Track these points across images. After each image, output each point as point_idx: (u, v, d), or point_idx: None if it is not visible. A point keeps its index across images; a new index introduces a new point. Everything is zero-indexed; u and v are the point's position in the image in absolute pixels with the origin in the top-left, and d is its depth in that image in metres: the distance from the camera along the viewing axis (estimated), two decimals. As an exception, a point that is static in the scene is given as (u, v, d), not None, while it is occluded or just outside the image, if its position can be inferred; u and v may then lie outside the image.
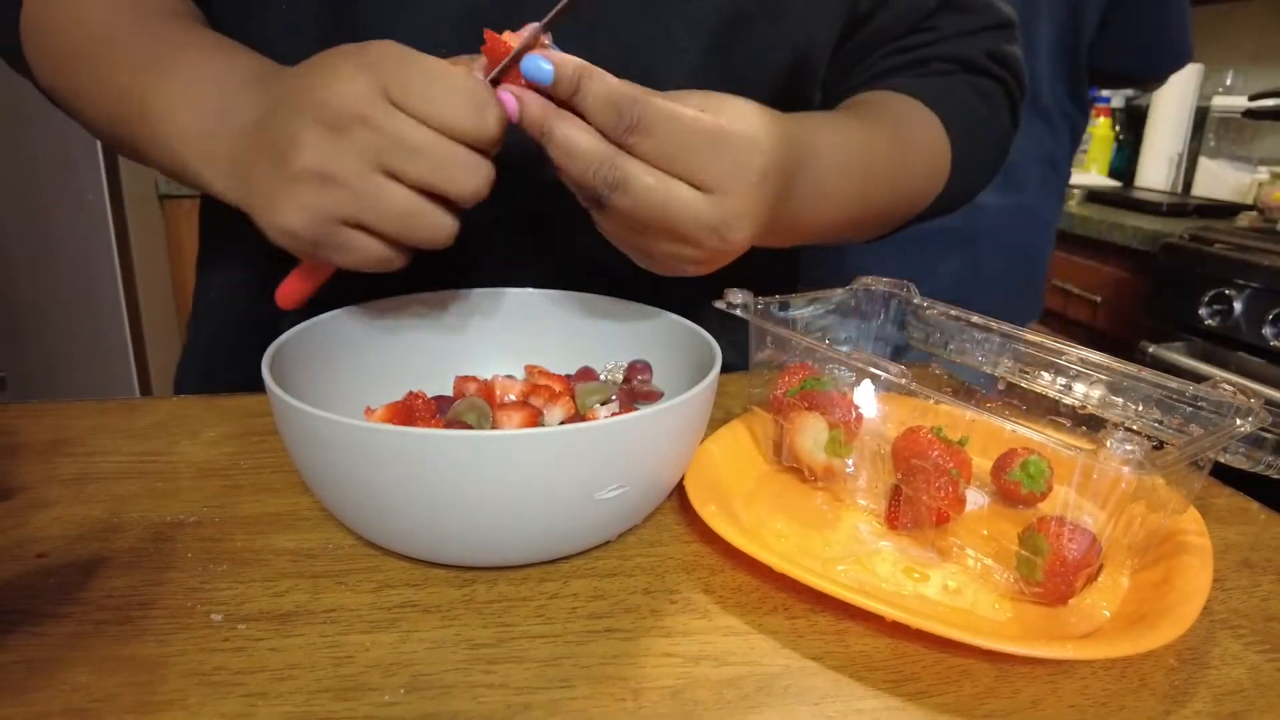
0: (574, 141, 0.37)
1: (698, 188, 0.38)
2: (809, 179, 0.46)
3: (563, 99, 0.38)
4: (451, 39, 0.49)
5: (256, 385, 0.38)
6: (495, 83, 0.38)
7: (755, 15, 0.54)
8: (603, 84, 0.37)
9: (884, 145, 0.54)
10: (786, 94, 0.58)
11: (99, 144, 1.90)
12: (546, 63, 0.37)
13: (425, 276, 0.54)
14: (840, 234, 0.56)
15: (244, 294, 0.60)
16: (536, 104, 0.38)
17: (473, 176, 0.37)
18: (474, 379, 0.48)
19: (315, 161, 0.36)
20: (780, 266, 0.71)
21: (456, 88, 0.36)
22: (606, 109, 0.37)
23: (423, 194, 0.37)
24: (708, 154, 0.38)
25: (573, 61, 0.37)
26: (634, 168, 0.37)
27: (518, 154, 0.46)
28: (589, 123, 0.37)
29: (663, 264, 0.43)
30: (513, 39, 0.38)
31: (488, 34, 0.38)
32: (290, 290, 0.43)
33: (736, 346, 0.51)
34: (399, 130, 0.35)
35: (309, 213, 0.37)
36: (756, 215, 0.40)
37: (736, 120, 0.39)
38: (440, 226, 0.38)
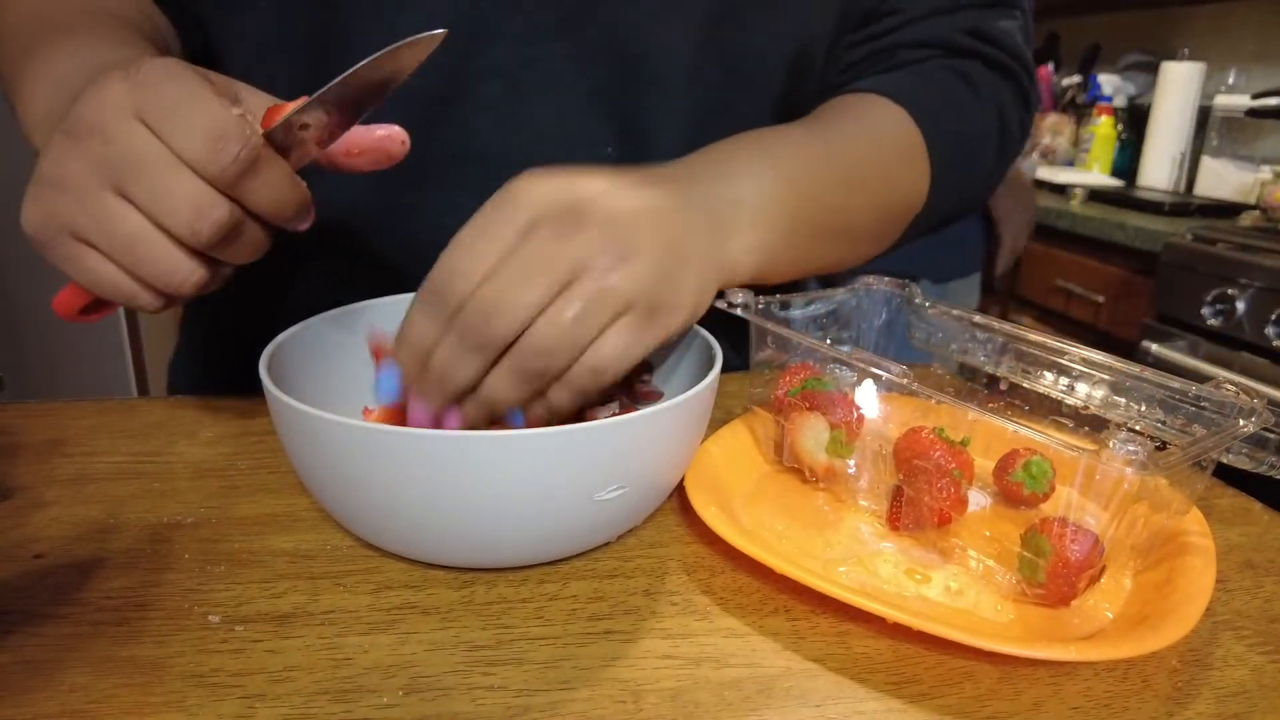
0: (507, 398, 0.36)
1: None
2: (736, 211, 0.44)
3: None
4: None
5: (246, 385, 0.38)
6: (271, 139, 0.36)
7: (745, 6, 0.53)
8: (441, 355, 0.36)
9: (819, 158, 0.50)
10: (782, 87, 0.57)
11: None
12: (390, 379, 0.37)
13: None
14: (813, 266, 0.53)
15: (235, 296, 0.59)
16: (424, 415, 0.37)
17: (190, 211, 0.33)
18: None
19: (50, 166, 0.34)
20: None
21: (202, 112, 0.33)
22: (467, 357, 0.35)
23: (158, 228, 0.34)
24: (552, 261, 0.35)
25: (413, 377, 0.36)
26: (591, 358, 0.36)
27: (518, 158, 0.46)
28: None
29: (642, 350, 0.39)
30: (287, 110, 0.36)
31: (269, 110, 0.36)
32: (61, 300, 0.39)
33: (737, 346, 0.51)
34: (130, 145, 0.33)
35: (40, 217, 0.35)
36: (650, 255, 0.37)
37: (505, 189, 0.37)
38: (170, 265, 0.35)
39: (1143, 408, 0.41)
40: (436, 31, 0.35)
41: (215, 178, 0.34)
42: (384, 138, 0.39)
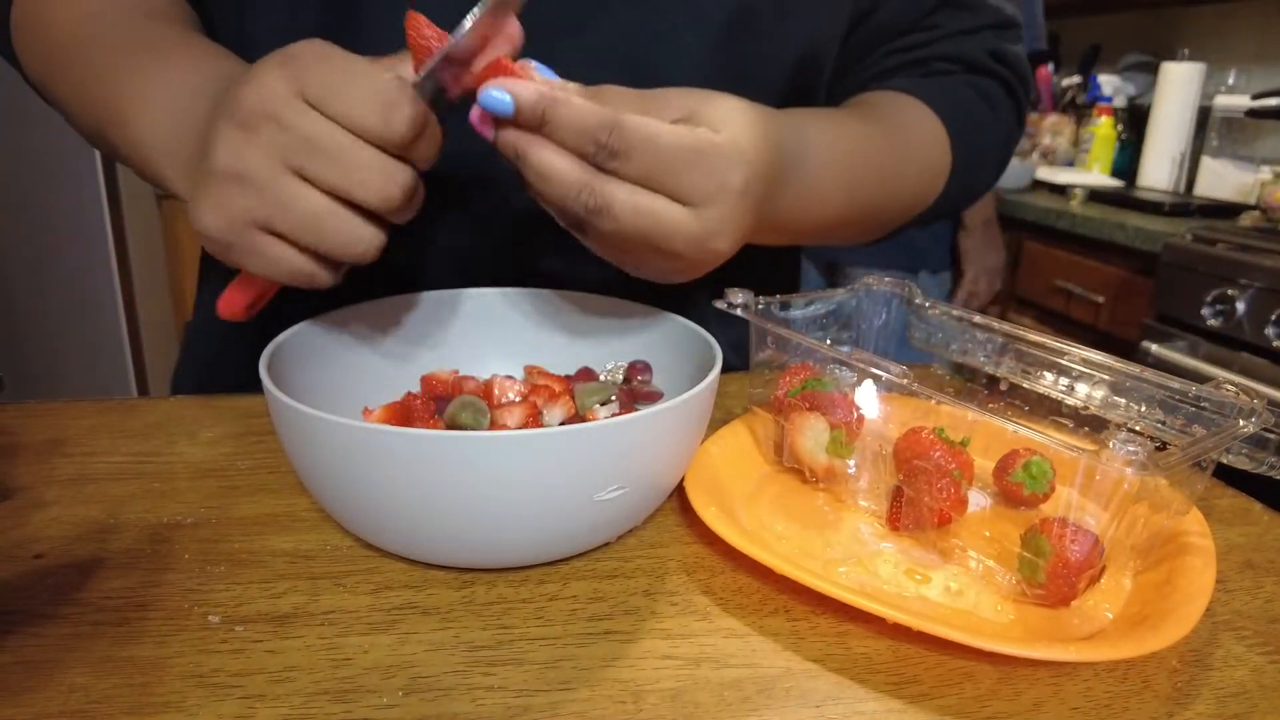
0: (550, 167, 0.36)
1: (679, 202, 0.38)
2: (799, 177, 0.46)
3: (530, 129, 0.36)
4: None
5: (251, 387, 0.38)
6: (427, 83, 0.37)
7: (760, 12, 0.53)
8: (573, 111, 0.35)
9: (879, 144, 0.54)
10: (792, 92, 0.58)
11: (98, 144, 1.90)
12: (504, 93, 0.36)
13: (424, 278, 0.54)
14: (834, 233, 0.56)
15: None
16: (509, 133, 0.37)
17: (381, 180, 0.35)
18: (470, 378, 0.48)
19: (227, 161, 0.35)
20: (783, 265, 0.70)
21: (366, 85, 0.34)
22: (580, 137, 0.36)
23: (339, 201, 0.36)
24: (688, 169, 0.37)
25: (533, 89, 0.35)
26: (615, 190, 0.37)
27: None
28: (564, 148, 0.36)
29: (650, 274, 0.43)
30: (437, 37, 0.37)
31: (410, 17, 0.36)
32: (227, 301, 0.41)
33: (737, 347, 0.51)
34: (306, 128, 0.34)
35: (221, 212, 0.36)
36: (739, 224, 0.40)
37: (720, 128, 0.38)
38: (355, 236, 0.36)
39: (1143, 408, 0.41)
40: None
41: (393, 143, 0.35)
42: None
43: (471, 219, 0.55)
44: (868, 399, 0.43)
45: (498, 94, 0.36)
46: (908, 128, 0.57)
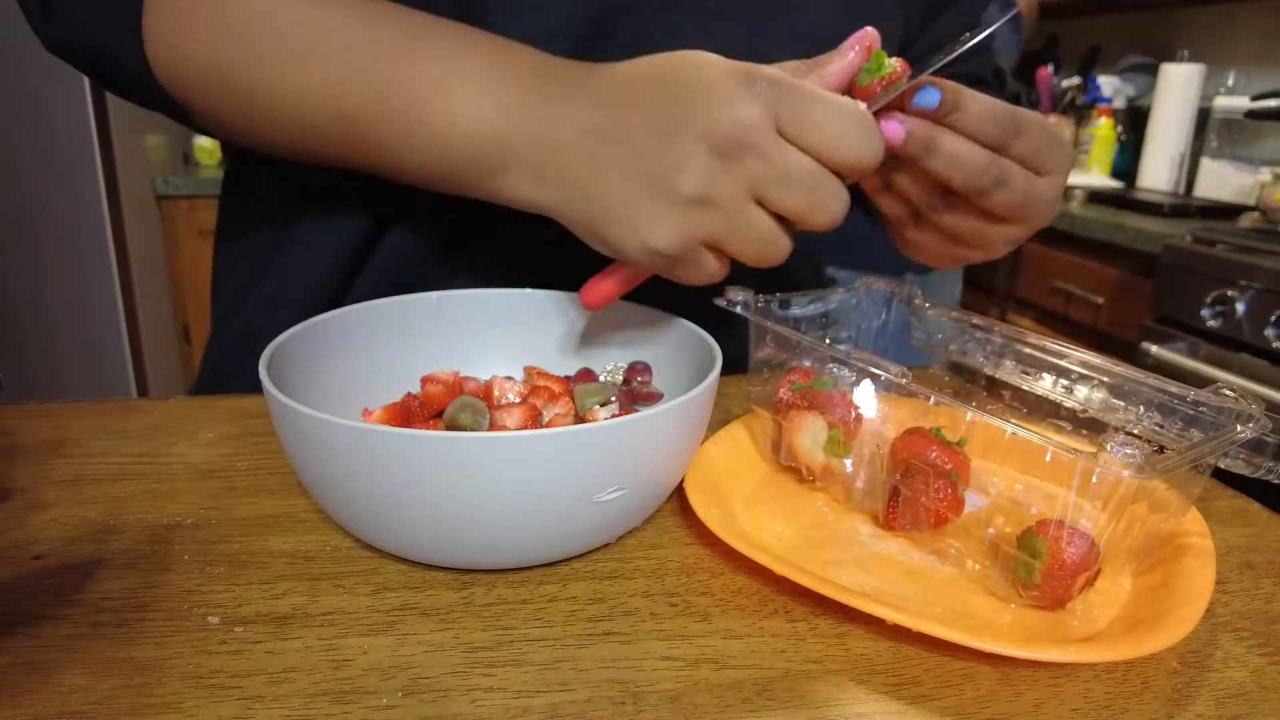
0: (962, 154, 0.41)
1: (1042, 174, 0.43)
2: None
3: (939, 119, 0.41)
4: (560, 38, 0.47)
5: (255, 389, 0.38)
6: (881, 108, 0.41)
7: (845, 38, 0.55)
8: (979, 102, 0.41)
9: None
10: None
11: (96, 145, 1.90)
12: (935, 90, 0.40)
13: (424, 278, 0.54)
14: None
15: (265, 322, 0.59)
16: (921, 127, 0.41)
17: (840, 205, 0.38)
18: (470, 379, 0.48)
19: (701, 186, 0.37)
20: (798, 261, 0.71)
21: (850, 120, 0.37)
22: (988, 124, 0.41)
23: (780, 220, 0.39)
24: (1050, 146, 0.43)
25: (948, 85, 0.40)
26: (1010, 166, 0.42)
27: None
28: (964, 134, 0.41)
29: (977, 249, 0.48)
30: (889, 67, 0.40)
31: (866, 41, 0.41)
32: (601, 294, 0.45)
33: (735, 347, 0.50)
34: (787, 162, 0.37)
35: (682, 235, 0.38)
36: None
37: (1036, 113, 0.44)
38: (783, 249, 0.39)
39: (1141, 411, 0.41)
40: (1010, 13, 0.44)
41: (863, 172, 0.39)
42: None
43: (470, 219, 0.55)
44: (866, 399, 0.43)
45: (927, 90, 0.40)
46: None
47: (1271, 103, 1.75)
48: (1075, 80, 2.36)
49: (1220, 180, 2.03)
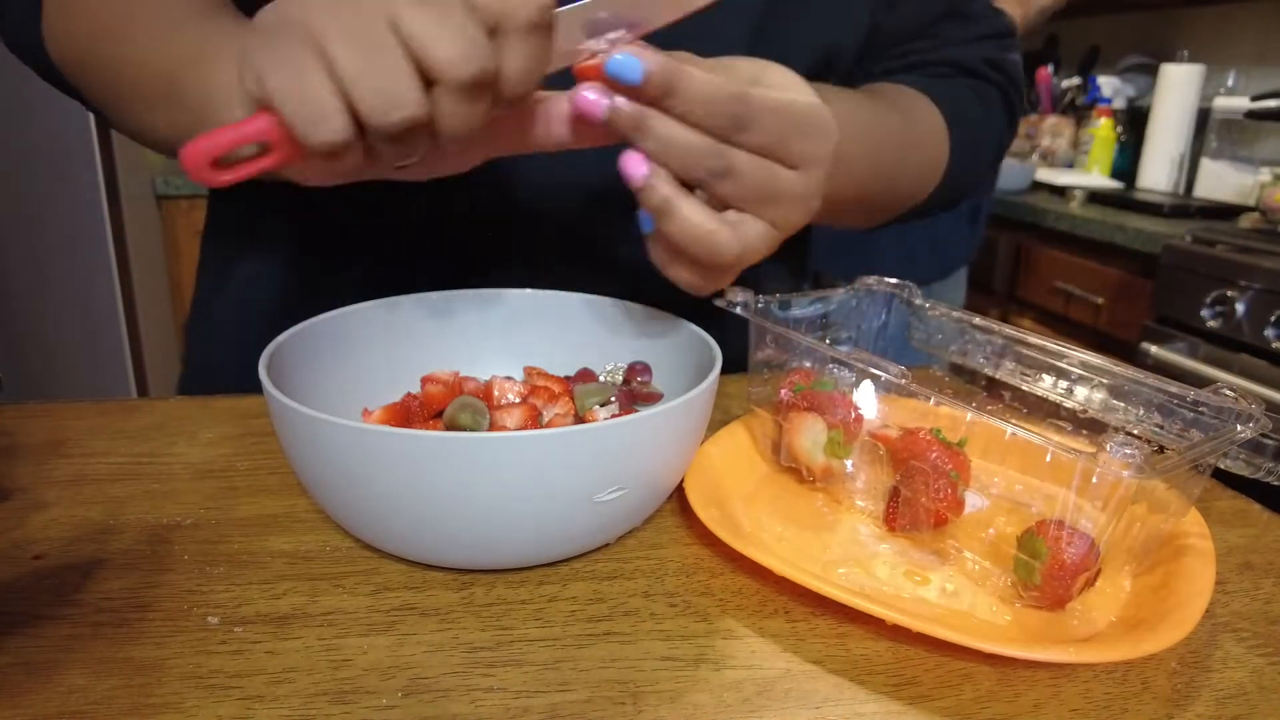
0: (676, 140, 0.37)
1: (790, 166, 0.39)
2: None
3: (650, 100, 0.36)
4: None
5: (252, 388, 0.38)
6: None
7: (790, 13, 0.55)
8: (698, 86, 0.35)
9: (892, 126, 0.55)
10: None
11: (96, 144, 1.90)
12: (636, 60, 0.35)
13: (427, 277, 0.54)
14: (850, 207, 0.56)
15: (249, 308, 0.60)
16: (629, 105, 0.36)
17: (468, 49, 0.32)
18: (470, 379, 0.48)
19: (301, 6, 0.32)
20: (793, 261, 0.71)
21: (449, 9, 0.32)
22: (708, 113, 0.36)
23: (410, 55, 0.32)
24: (800, 135, 0.38)
25: (661, 61, 0.35)
26: (739, 158, 0.37)
27: (549, 163, 0.45)
28: (685, 120, 0.36)
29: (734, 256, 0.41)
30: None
31: None
32: (199, 144, 0.33)
33: (734, 347, 0.50)
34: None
35: (289, 6, 0.32)
36: (824, 185, 0.41)
37: (808, 96, 0.39)
38: (399, 90, 0.32)
39: (1141, 411, 0.41)
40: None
41: (510, 17, 0.32)
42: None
43: (470, 221, 0.55)
44: (866, 399, 0.43)
45: (624, 59, 0.35)
46: (915, 115, 0.59)
47: (1271, 103, 1.75)
48: (1075, 80, 2.36)
49: (1220, 180, 2.03)
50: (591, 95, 0.36)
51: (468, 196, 0.53)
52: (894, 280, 0.53)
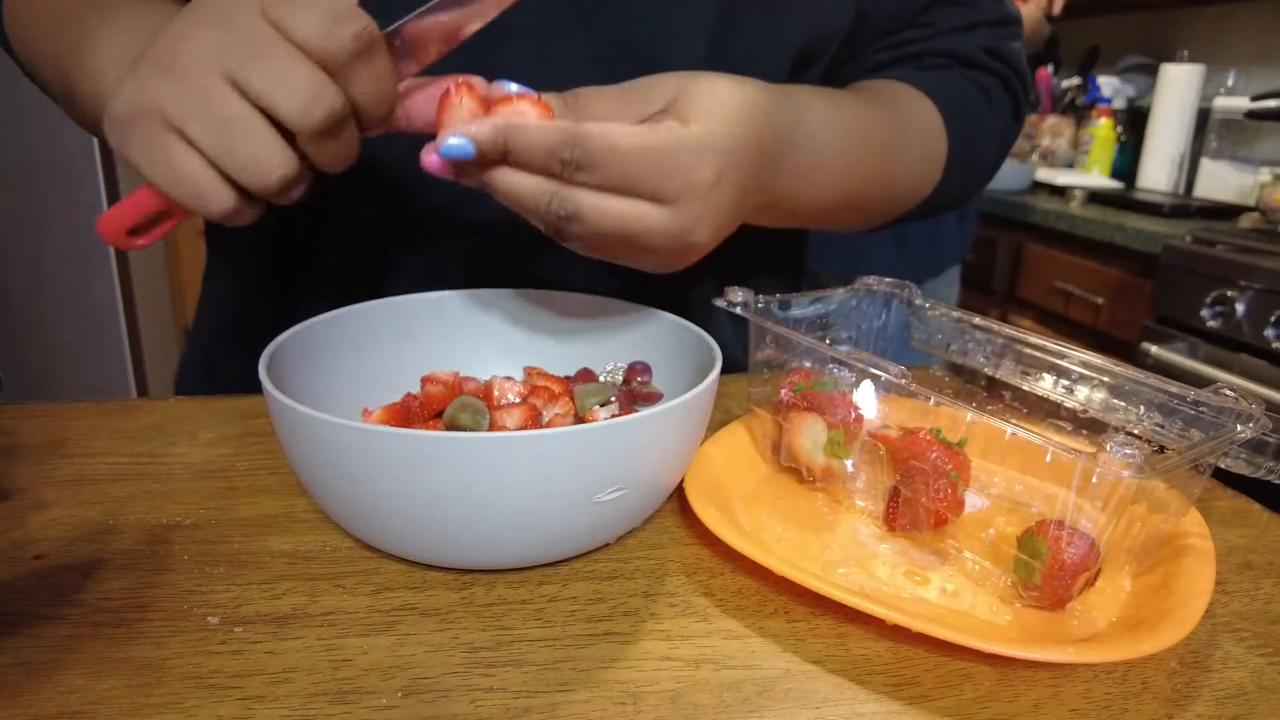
0: (517, 188, 0.37)
1: (654, 200, 0.38)
2: (798, 152, 0.46)
3: (491, 163, 0.37)
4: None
5: (252, 388, 0.38)
6: (395, 34, 0.37)
7: (753, 10, 0.53)
8: (531, 136, 0.36)
9: (878, 124, 0.54)
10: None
11: (96, 145, 1.90)
12: (462, 139, 0.36)
13: (423, 279, 0.54)
14: (833, 215, 0.55)
15: (247, 304, 0.60)
16: (473, 170, 0.37)
17: (308, 92, 0.33)
18: (470, 379, 0.48)
19: (163, 49, 0.34)
20: (787, 261, 0.70)
21: (322, 1, 0.33)
22: (544, 158, 0.36)
23: (262, 114, 0.34)
24: (656, 171, 0.37)
25: (488, 126, 0.36)
26: (584, 197, 0.37)
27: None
28: (525, 170, 0.37)
29: (636, 266, 0.43)
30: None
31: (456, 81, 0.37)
32: (109, 217, 0.37)
33: (734, 347, 0.51)
34: (250, 30, 0.33)
35: (135, 94, 0.34)
36: (717, 215, 0.40)
37: (691, 119, 0.37)
38: (265, 154, 0.34)
39: (1141, 411, 0.41)
40: None
41: (332, 55, 0.33)
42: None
43: (469, 221, 0.55)
44: (866, 399, 0.43)
45: (456, 141, 0.35)
46: (906, 111, 0.57)
47: (1271, 103, 1.75)
48: (1075, 80, 2.36)
49: (1220, 180, 2.03)
50: (434, 159, 0.37)
51: (474, 200, 0.54)
52: (893, 280, 0.53)
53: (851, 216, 0.57)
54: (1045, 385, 0.45)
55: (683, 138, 0.37)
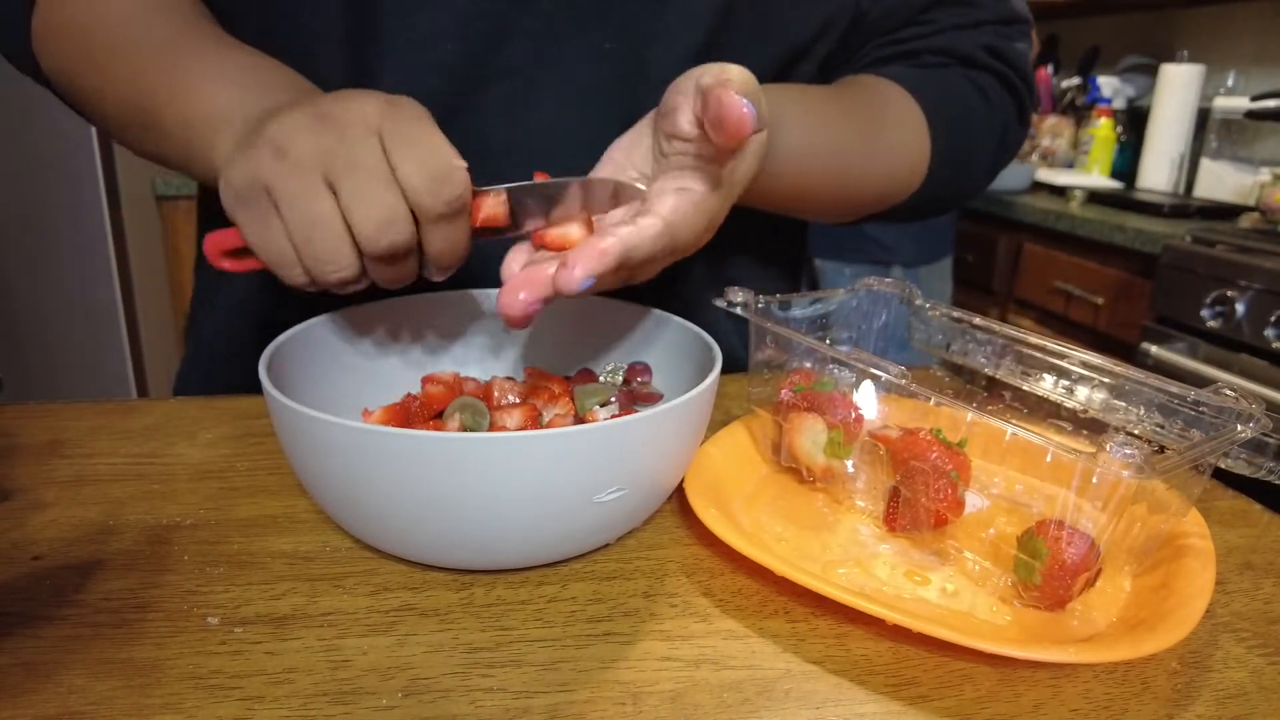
0: (645, 254, 0.40)
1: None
2: (772, 151, 0.47)
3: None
4: (460, 37, 0.51)
5: (254, 388, 0.38)
6: (481, 232, 0.41)
7: (747, 10, 0.54)
8: (642, 252, 0.39)
9: (847, 117, 0.54)
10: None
11: (96, 145, 1.90)
12: (590, 278, 0.38)
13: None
14: (806, 205, 0.56)
15: (245, 304, 0.60)
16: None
17: (384, 217, 0.36)
18: (470, 379, 0.48)
19: (282, 135, 0.37)
20: (788, 257, 0.70)
21: (437, 153, 0.37)
22: (656, 259, 0.41)
23: (343, 220, 0.37)
24: (699, 231, 0.42)
25: (610, 260, 0.38)
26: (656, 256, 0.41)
27: (527, 154, 0.46)
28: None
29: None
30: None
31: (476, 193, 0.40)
32: (216, 238, 0.41)
33: (733, 347, 0.51)
34: (360, 151, 0.36)
35: (251, 170, 0.37)
36: (713, 220, 0.43)
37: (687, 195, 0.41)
38: (335, 255, 0.37)
39: (1141, 411, 0.41)
40: (640, 187, 0.42)
41: (424, 209, 0.37)
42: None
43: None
44: (866, 399, 0.43)
45: (585, 282, 0.38)
46: (877, 106, 0.56)
47: (1271, 103, 1.75)
48: (1075, 80, 2.36)
49: (1220, 180, 2.03)
50: (525, 298, 0.39)
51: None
52: (894, 280, 0.53)
53: (820, 207, 0.58)
54: (1045, 385, 0.45)
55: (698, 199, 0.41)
